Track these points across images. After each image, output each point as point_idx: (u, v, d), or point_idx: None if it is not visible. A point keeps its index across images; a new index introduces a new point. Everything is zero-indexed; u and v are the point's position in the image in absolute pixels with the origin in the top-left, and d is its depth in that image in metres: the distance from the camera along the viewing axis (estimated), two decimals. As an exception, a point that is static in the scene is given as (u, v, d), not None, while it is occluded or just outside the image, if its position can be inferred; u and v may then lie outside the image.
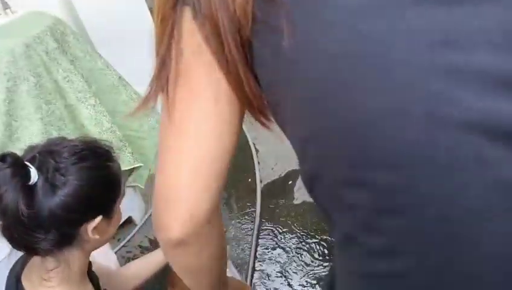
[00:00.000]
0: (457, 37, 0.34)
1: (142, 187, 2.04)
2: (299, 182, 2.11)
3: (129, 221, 2.13)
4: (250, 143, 2.47)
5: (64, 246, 0.82)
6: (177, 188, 0.48)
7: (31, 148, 0.81)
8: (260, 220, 1.92)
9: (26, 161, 0.75)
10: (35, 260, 0.88)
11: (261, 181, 2.18)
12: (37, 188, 0.75)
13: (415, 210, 0.37)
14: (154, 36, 0.47)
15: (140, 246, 2.04)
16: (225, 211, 2.03)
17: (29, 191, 0.74)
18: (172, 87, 0.46)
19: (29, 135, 1.52)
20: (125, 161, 1.80)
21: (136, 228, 2.11)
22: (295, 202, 2.00)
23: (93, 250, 0.90)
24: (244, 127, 2.08)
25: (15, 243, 0.79)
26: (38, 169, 0.75)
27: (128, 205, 2.08)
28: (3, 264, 0.95)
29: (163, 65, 0.46)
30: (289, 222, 1.90)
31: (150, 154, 1.99)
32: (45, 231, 0.77)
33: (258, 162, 2.31)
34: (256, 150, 2.41)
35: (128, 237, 2.07)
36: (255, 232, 1.87)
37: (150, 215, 2.17)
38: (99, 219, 0.82)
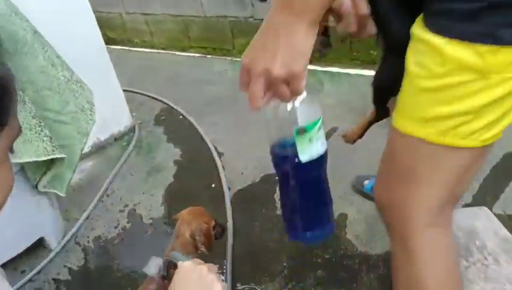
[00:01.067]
0: None
1: (62, 194, 1.42)
2: (281, 188, 1.64)
3: (40, 244, 1.47)
4: (210, 145, 1.96)
5: None
6: None
7: None
8: (233, 248, 1.39)
9: None
10: None
11: (229, 189, 1.67)
12: None
13: None
14: None
15: (55, 280, 1.38)
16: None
17: None
18: None
19: None
20: (39, 148, 1.20)
21: (51, 254, 1.45)
22: (279, 212, 1.52)
23: None
24: (200, 129, 1.41)
25: None
26: None
27: (40, 222, 1.44)
28: None
29: None
30: (276, 241, 1.40)
31: (75, 148, 1.39)
32: None
33: (223, 167, 1.80)
34: (219, 154, 1.90)
35: (39, 267, 1.41)
36: (228, 270, 1.34)
37: (72, 237, 1.53)
38: None
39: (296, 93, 0.57)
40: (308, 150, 0.64)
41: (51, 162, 1.30)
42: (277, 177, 0.74)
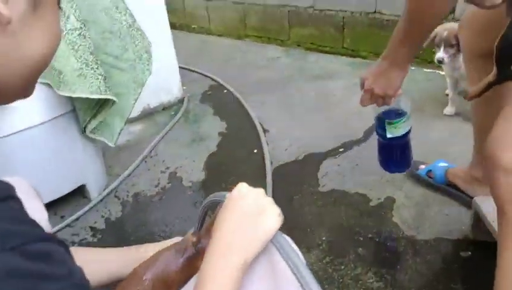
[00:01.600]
0: None
1: (112, 144, 1.44)
2: (325, 167, 1.57)
3: (81, 193, 1.50)
4: (255, 121, 1.92)
5: None
6: None
7: None
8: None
9: None
10: None
11: (271, 163, 1.62)
12: None
13: None
14: None
15: (92, 228, 1.40)
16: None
17: None
18: None
19: None
20: (93, 85, 1.21)
21: (91, 204, 1.47)
22: (321, 189, 1.45)
23: None
24: (246, 105, 1.38)
25: None
26: None
27: (84, 170, 1.46)
28: None
29: None
30: (315, 215, 1.33)
31: (129, 97, 1.41)
32: None
33: (267, 143, 1.76)
34: (264, 130, 1.86)
35: (78, 214, 1.43)
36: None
37: (112, 191, 1.55)
38: None
39: (387, 103, 1.01)
40: (392, 133, 1.07)
41: (101, 106, 1.31)
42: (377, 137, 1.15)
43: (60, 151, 1.38)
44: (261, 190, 0.55)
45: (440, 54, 1.62)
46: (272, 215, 0.52)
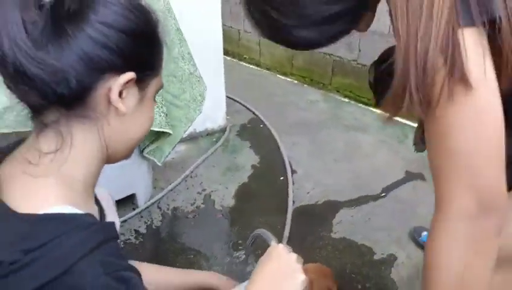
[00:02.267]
0: None
1: (159, 164, 1.70)
2: (341, 216, 1.77)
3: (130, 200, 1.77)
4: (286, 160, 2.15)
5: (71, 107, 0.53)
6: None
7: None
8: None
9: None
10: (26, 143, 0.58)
11: (293, 202, 1.84)
12: (47, 5, 0.50)
13: None
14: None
15: (135, 231, 1.66)
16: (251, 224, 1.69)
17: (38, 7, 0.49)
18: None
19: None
20: (157, 120, 1.48)
21: (137, 210, 1.74)
22: (333, 235, 1.65)
23: (102, 153, 0.59)
24: (281, 144, 1.68)
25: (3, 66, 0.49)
26: None
27: (136, 181, 1.73)
28: None
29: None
30: (323, 257, 1.53)
31: (180, 130, 1.67)
32: (54, 60, 0.49)
33: (293, 183, 1.98)
34: (292, 170, 2.09)
35: (126, 217, 1.70)
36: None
37: (156, 202, 1.81)
38: (131, 74, 0.55)
39: None
40: None
41: (159, 135, 1.58)
42: None
43: (120, 164, 1.66)
44: (295, 256, 0.73)
45: None
46: (298, 280, 0.70)
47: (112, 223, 0.57)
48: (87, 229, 0.51)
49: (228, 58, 3.87)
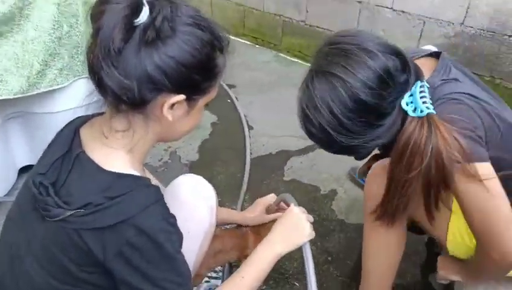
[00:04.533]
0: None
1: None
2: (291, 163, 2.06)
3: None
4: (242, 118, 2.39)
5: (136, 107, 0.70)
6: None
7: None
8: (246, 192, 1.83)
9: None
10: (103, 117, 0.77)
11: (251, 153, 2.10)
12: (137, 30, 0.65)
13: None
14: None
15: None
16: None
17: (129, 27, 0.64)
18: None
19: (39, 17, 1.35)
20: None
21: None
22: (285, 179, 1.94)
23: (156, 139, 0.79)
24: (237, 103, 1.98)
25: (90, 65, 0.67)
26: (150, 11, 0.66)
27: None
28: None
29: None
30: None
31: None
32: (125, 75, 0.65)
33: (250, 137, 2.23)
34: (249, 126, 2.33)
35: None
36: (240, 201, 1.77)
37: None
38: (181, 97, 0.72)
39: None
40: None
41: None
42: None
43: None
44: (305, 215, 1.03)
45: None
46: (306, 231, 1.00)
47: (159, 187, 0.77)
48: (148, 188, 0.72)
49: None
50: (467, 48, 2.46)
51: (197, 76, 0.72)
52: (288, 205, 1.09)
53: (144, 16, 0.65)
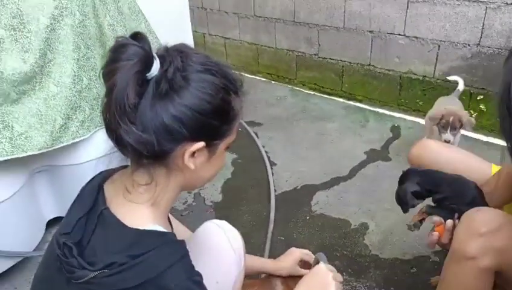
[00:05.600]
0: None
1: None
2: (317, 197, 2.00)
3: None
4: (264, 154, 2.36)
5: (157, 159, 0.70)
6: None
7: (164, 47, 0.71)
8: (274, 227, 1.78)
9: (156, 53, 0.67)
10: (125, 171, 0.77)
11: (275, 190, 2.05)
12: (151, 83, 0.65)
13: None
14: None
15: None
16: (238, 214, 1.89)
17: (142, 82, 0.64)
18: None
19: (60, 72, 1.39)
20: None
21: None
22: (312, 215, 1.88)
23: (181, 189, 0.78)
24: (257, 140, 1.96)
25: (106, 124, 0.67)
26: (161, 64, 0.66)
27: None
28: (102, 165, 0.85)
29: None
30: (305, 234, 1.76)
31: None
32: (142, 129, 0.65)
33: (273, 173, 2.20)
34: (271, 162, 2.30)
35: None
36: (267, 248, 1.71)
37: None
38: (201, 144, 0.71)
39: None
40: None
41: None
42: None
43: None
44: (331, 274, 0.94)
45: (448, 135, 1.93)
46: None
47: (184, 241, 0.74)
48: (172, 244, 0.70)
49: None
50: (486, 67, 2.41)
51: (214, 121, 0.71)
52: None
53: (156, 69, 0.65)
